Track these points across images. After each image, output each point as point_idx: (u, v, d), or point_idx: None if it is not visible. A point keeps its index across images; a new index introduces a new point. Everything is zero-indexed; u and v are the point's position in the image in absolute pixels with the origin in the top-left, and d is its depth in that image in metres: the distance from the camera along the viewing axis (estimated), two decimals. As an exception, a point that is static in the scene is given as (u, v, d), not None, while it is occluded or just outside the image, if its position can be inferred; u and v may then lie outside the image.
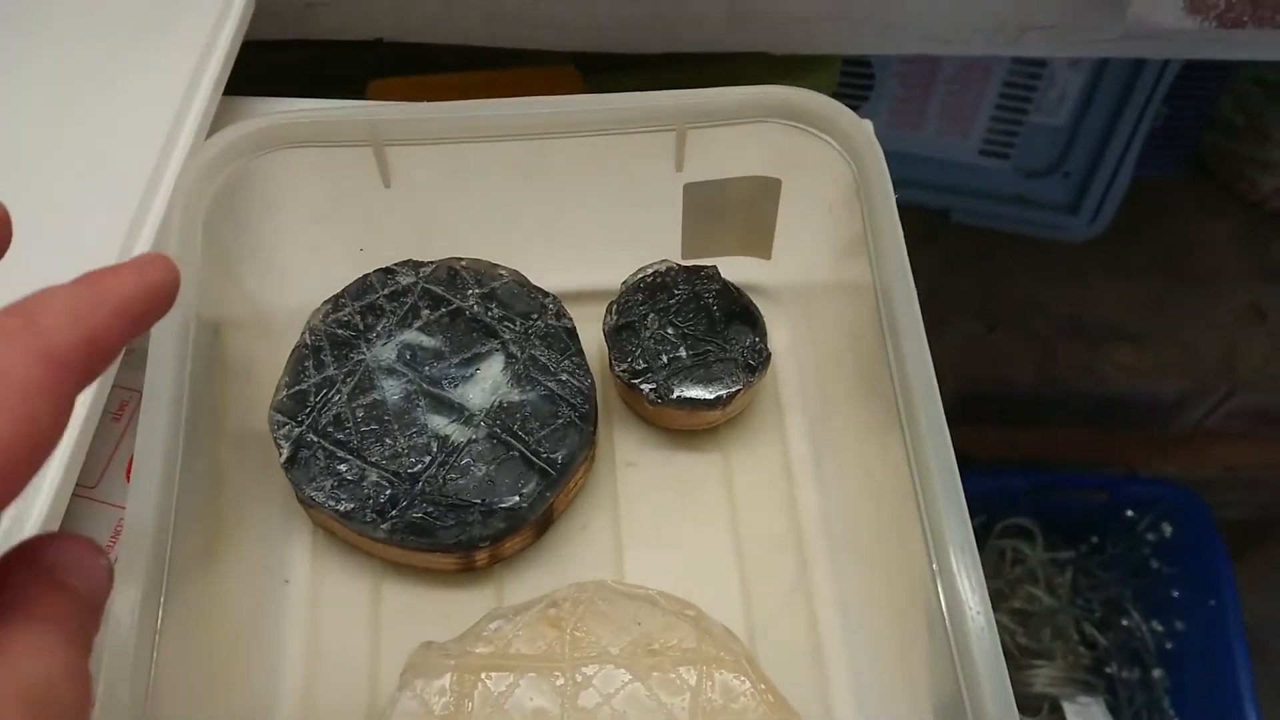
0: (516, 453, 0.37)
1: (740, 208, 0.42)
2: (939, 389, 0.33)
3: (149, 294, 0.23)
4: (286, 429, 0.38)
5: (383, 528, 0.36)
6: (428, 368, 0.39)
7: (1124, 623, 0.95)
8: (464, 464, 0.37)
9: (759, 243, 0.43)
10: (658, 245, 0.43)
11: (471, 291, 0.41)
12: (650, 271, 0.42)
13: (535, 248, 0.42)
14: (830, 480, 0.41)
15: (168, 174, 0.41)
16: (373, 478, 0.37)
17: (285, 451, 0.37)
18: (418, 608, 0.38)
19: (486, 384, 0.39)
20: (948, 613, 0.30)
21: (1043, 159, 0.93)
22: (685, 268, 0.42)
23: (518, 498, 0.37)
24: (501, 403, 0.38)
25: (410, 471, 0.37)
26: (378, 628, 0.38)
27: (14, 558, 0.21)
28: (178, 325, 0.34)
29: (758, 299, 0.42)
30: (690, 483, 0.41)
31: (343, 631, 0.38)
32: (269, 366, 0.41)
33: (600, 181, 0.41)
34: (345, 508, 0.36)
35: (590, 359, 0.40)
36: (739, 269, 0.43)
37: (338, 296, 0.41)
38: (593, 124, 0.38)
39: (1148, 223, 0.96)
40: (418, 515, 0.36)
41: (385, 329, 0.40)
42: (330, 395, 0.38)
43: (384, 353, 0.39)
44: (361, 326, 0.40)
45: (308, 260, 0.42)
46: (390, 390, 0.38)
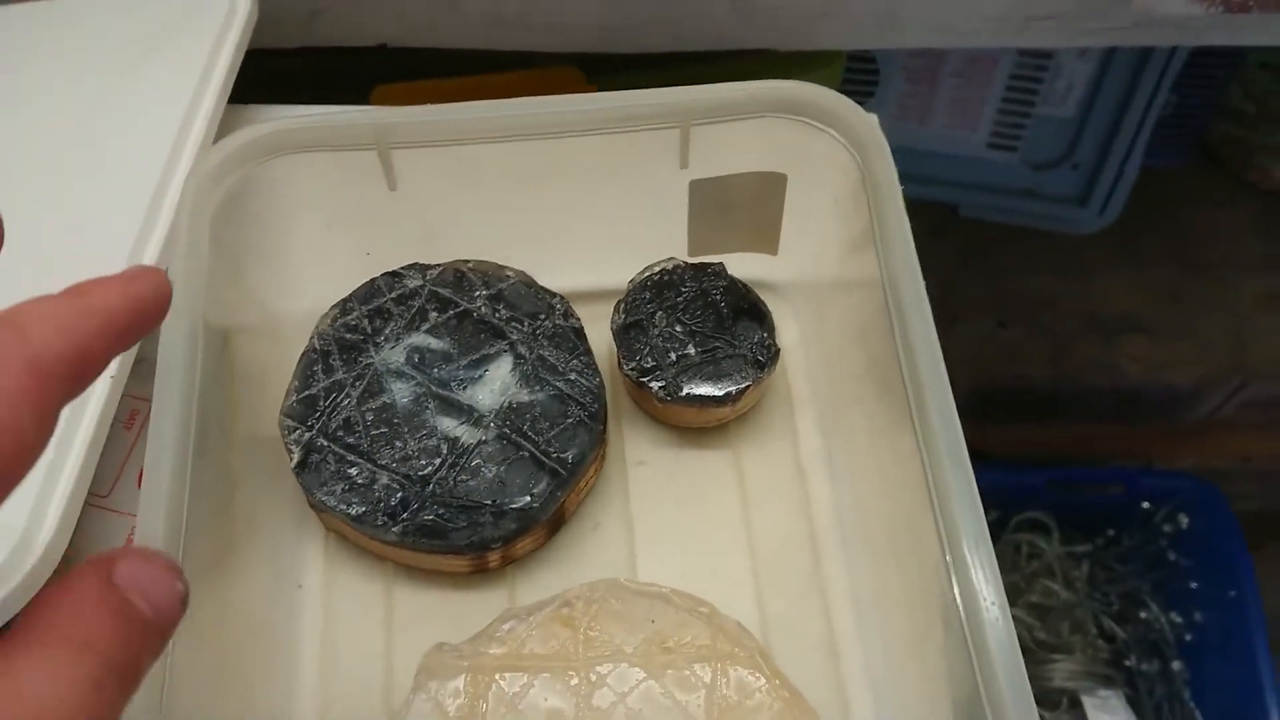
0: (527, 453, 0.37)
1: (746, 204, 0.42)
2: (951, 386, 0.33)
3: (137, 307, 0.22)
4: (297, 434, 0.38)
5: (394, 530, 0.36)
6: (436, 370, 0.39)
7: (1142, 615, 0.94)
8: (474, 465, 0.37)
9: (766, 239, 0.43)
10: (664, 243, 0.43)
11: (479, 293, 0.41)
12: (657, 269, 0.42)
13: (541, 248, 0.42)
14: (842, 475, 0.40)
15: (174, 182, 0.42)
16: (383, 481, 0.37)
17: (296, 456, 0.37)
18: (430, 610, 0.38)
19: (495, 385, 0.39)
20: (963, 605, 0.29)
21: (1051, 151, 0.93)
22: (692, 265, 0.42)
23: (529, 498, 0.37)
24: (511, 403, 0.38)
25: (421, 474, 0.37)
26: (391, 630, 0.38)
27: (87, 569, 0.20)
28: (186, 332, 0.34)
29: (765, 295, 0.42)
30: (701, 480, 0.41)
31: (357, 635, 0.38)
32: (277, 372, 0.41)
33: (605, 180, 0.41)
34: (356, 511, 0.36)
35: (598, 358, 0.40)
36: (746, 265, 0.43)
37: (345, 301, 0.41)
38: (597, 122, 0.38)
39: (1158, 213, 0.95)
40: (429, 517, 0.36)
41: (393, 332, 0.40)
42: (340, 399, 0.38)
43: (392, 356, 0.39)
44: (370, 330, 0.40)
45: (314, 265, 0.42)
46: (399, 393, 0.38)
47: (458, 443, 0.37)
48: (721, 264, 0.42)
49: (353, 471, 0.37)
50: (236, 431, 0.38)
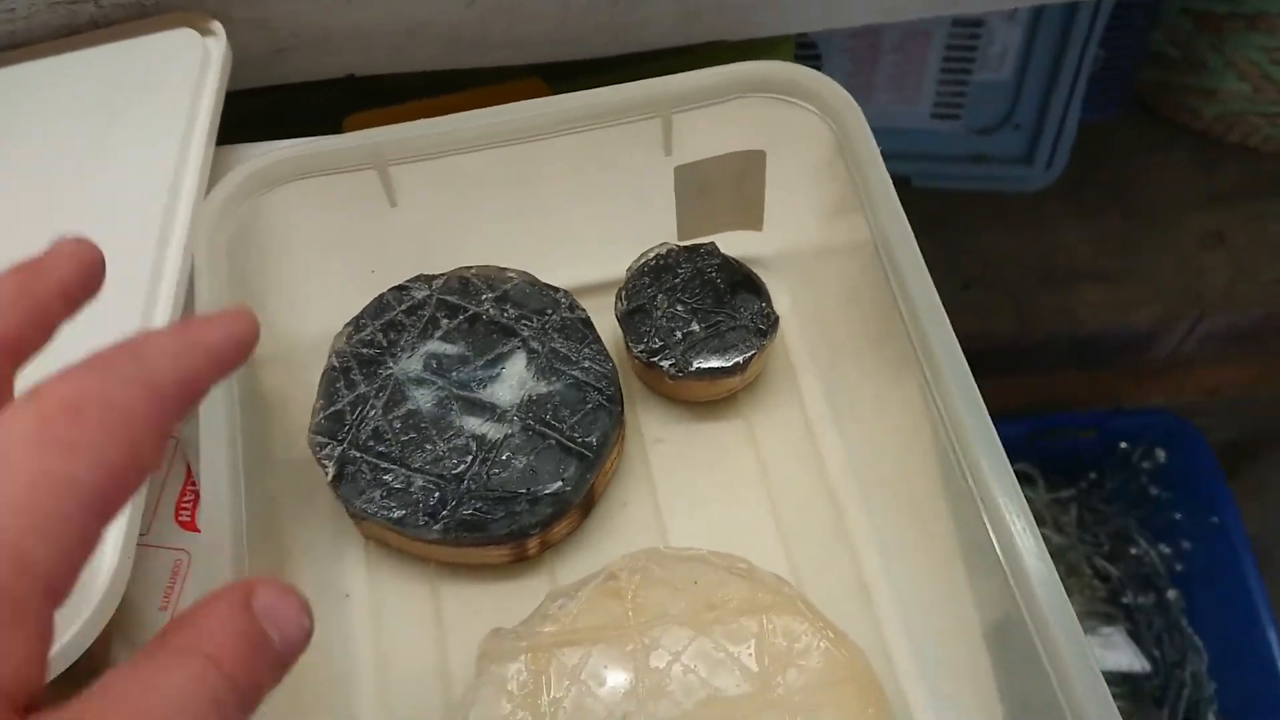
0: (553, 441, 0.39)
1: (729, 184, 0.43)
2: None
3: (235, 343, 0.25)
4: (329, 449, 0.39)
5: (435, 529, 0.38)
6: (455, 373, 0.40)
7: (1132, 551, 0.97)
8: (504, 459, 0.39)
9: (750, 216, 0.45)
10: (655, 230, 0.45)
11: (485, 296, 0.42)
12: (652, 255, 0.43)
13: (538, 248, 0.44)
14: (850, 429, 0.42)
15: (176, 228, 0.42)
16: (419, 483, 0.38)
17: (331, 470, 0.39)
18: (476, 603, 0.40)
19: (513, 381, 0.40)
20: (992, 529, 0.31)
21: (992, 115, 0.96)
22: (685, 247, 0.43)
23: (561, 482, 0.38)
24: (530, 396, 0.40)
25: (454, 473, 0.38)
26: (441, 628, 0.39)
27: (228, 593, 0.21)
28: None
29: (755, 270, 0.44)
30: (718, 450, 0.43)
31: (408, 636, 0.39)
32: (298, 395, 0.42)
33: (594, 175, 0.42)
34: (397, 515, 0.38)
35: (605, 346, 0.42)
36: (732, 244, 0.45)
37: (358, 318, 0.42)
38: (583, 119, 0.40)
39: (1100, 164, 0.99)
40: (468, 512, 0.38)
41: (408, 342, 0.41)
42: (365, 411, 0.40)
43: (410, 365, 0.41)
44: (385, 343, 0.41)
45: (320, 288, 0.43)
46: (422, 399, 0.40)
47: (485, 439, 0.39)
48: (713, 243, 0.44)
49: (388, 478, 0.38)
50: (272, 456, 0.39)
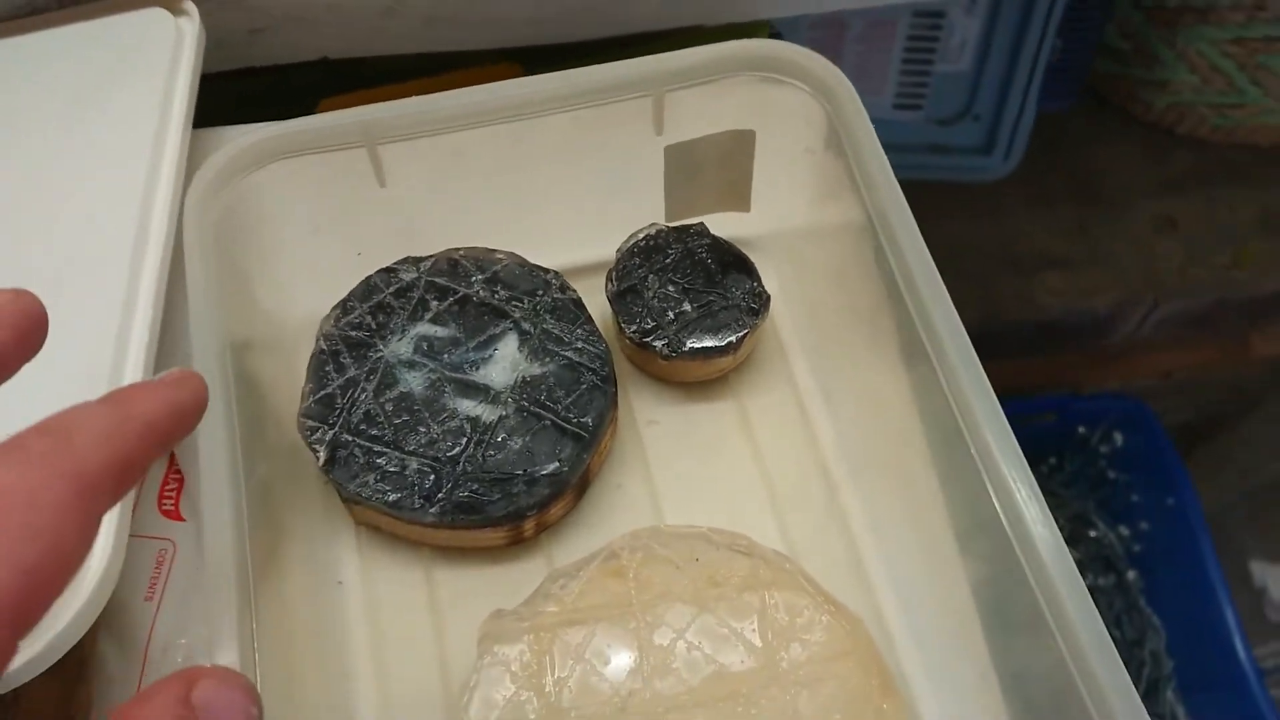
0: (548, 422, 0.39)
1: (718, 164, 0.43)
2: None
3: (177, 414, 0.23)
4: (320, 433, 0.38)
5: (432, 511, 0.37)
6: (446, 355, 0.40)
7: (1091, 534, 0.99)
8: (499, 440, 0.38)
9: (738, 196, 0.45)
10: (644, 211, 0.45)
11: (475, 278, 0.42)
12: (642, 236, 0.43)
13: (526, 229, 0.43)
14: (840, 407, 0.43)
15: (156, 211, 0.41)
16: (414, 466, 0.38)
17: (323, 454, 0.38)
18: (472, 586, 0.39)
19: (505, 362, 0.40)
20: (997, 499, 0.32)
21: (952, 106, 0.97)
22: (675, 228, 0.43)
23: (557, 463, 0.38)
24: (524, 378, 0.40)
25: (449, 455, 0.38)
26: (437, 612, 0.39)
27: (167, 685, 0.21)
28: (216, 352, 0.35)
29: (744, 250, 0.44)
30: (711, 431, 0.43)
31: (404, 622, 0.39)
32: (284, 379, 0.41)
33: (583, 155, 0.42)
34: (393, 498, 0.37)
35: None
36: (720, 224, 0.45)
37: (345, 301, 0.41)
38: (574, 97, 0.39)
39: (1058, 153, 1.00)
40: (464, 494, 0.37)
41: (398, 325, 0.41)
42: (356, 395, 0.39)
43: (401, 347, 0.40)
44: (374, 326, 0.41)
45: (306, 270, 0.43)
46: (414, 382, 0.39)
47: (479, 421, 0.39)
48: (702, 223, 0.44)
49: (381, 461, 0.38)
50: (264, 441, 0.38)
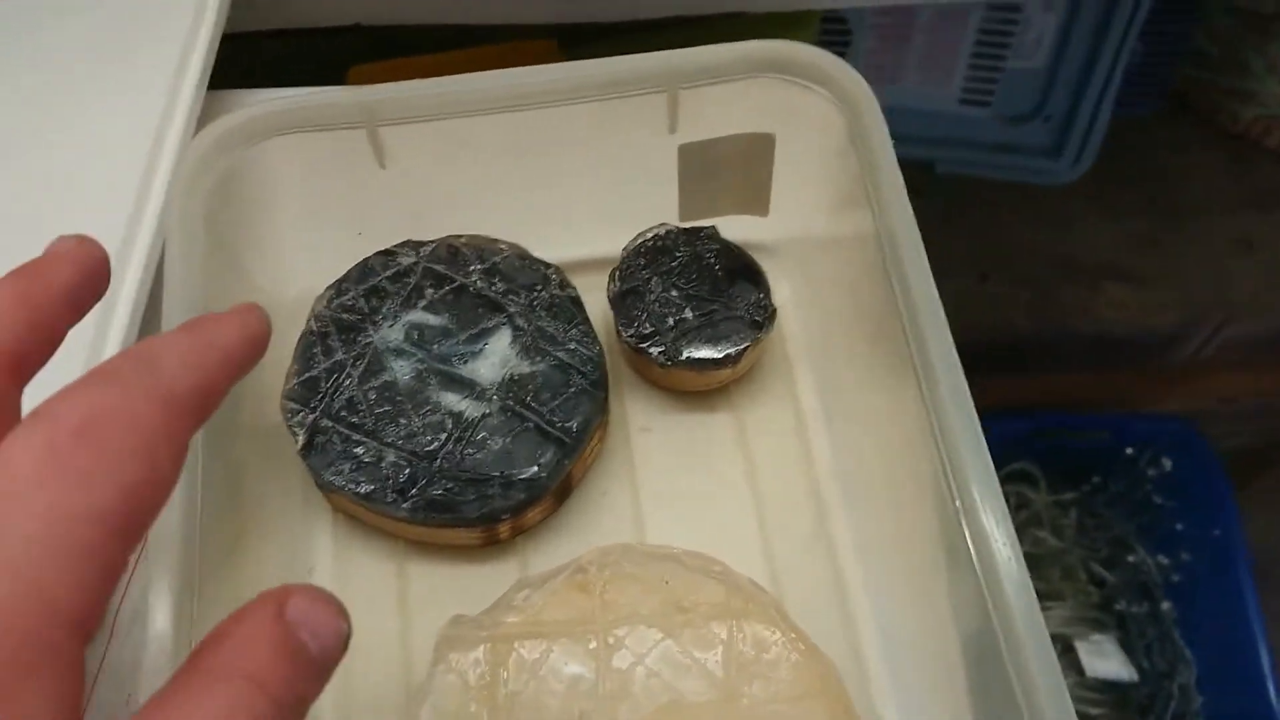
0: (531, 424, 0.37)
1: (735, 166, 0.42)
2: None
3: (250, 342, 0.24)
4: (300, 416, 0.38)
5: (404, 507, 0.36)
6: (436, 346, 0.39)
7: (1130, 559, 0.96)
8: (480, 439, 0.37)
9: (756, 200, 0.43)
10: (655, 209, 0.43)
11: (473, 268, 0.41)
12: (650, 236, 0.42)
13: (532, 220, 0.42)
14: (841, 429, 0.41)
15: (159, 172, 0.41)
16: (390, 458, 0.37)
17: (301, 438, 0.37)
18: (444, 585, 0.39)
19: (496, 358, 0.39)
20: (972, 541, 0.30)
21: (1023, 104, 0.93)
22: (685, 230, 0.42)
23: (536, 468, 0.37)
24: (512, 375, 0.38)
25: (427, 450, 0.37)
26: (406, 608, 0.38)
27: (259, 603, 0.21)
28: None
29: (757, 256, 0.42)
30: (705, 443, 0.41)
31: (372, 614, 0.38)
32: (274, 357, 0.41)
33: (594, 149, 0.41)
34: (365, 489, 0.36)
35: (596, 328, 0.40)
36: (736, 227, 0.43)
37: (340, 281, 0.41)
38: (586, 89, 0.38)
39: (1131, 161, 0.96)
40: (438, 492, 0.36)
41: (391, 310, 0.40)
42: (341, 380, 0.38)
43: (391, 334, 0.39)
44: (367, 309, 0.40)
45: (304, 248, 0.42)
46: (401, 371, 0.38)
47: (462, 417, 0.38)
48: (714, 227, 0.42)
49: (359, 450, 0.37)
50: (240, 420, 0.38)
